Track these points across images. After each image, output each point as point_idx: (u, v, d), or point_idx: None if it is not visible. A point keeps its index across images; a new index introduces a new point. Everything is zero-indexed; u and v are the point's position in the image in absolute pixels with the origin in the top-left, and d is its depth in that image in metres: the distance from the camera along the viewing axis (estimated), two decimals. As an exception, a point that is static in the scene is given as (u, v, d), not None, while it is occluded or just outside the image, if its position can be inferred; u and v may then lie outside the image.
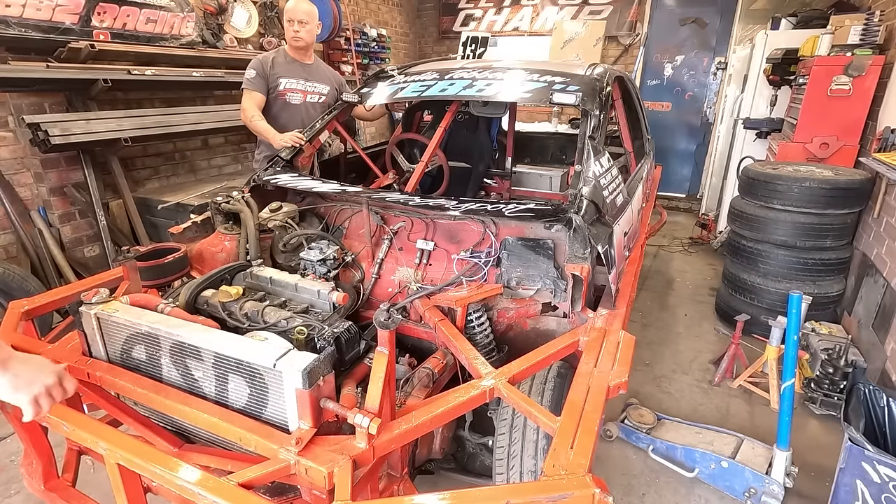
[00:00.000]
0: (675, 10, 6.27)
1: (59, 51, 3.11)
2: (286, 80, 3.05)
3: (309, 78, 3.13)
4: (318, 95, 3.19)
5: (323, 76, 3.21)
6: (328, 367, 1.22)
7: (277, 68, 3.05)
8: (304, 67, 3.13)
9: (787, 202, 3.04)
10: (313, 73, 3.17)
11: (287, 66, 3.09)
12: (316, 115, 3.10)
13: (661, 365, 3.06)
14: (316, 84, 3.17)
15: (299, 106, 3.12)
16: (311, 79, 3.14)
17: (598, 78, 2.42)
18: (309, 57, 3.16)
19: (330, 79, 3.24)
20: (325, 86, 3.21)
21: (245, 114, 2.96)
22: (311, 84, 3.15)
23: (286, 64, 3.09)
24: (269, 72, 3.02)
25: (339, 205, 2.20)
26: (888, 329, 2.63)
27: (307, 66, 3.14)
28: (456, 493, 1.07)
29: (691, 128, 6.57)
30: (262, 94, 3.02)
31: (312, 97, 3.16)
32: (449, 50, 7.71)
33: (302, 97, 3.13)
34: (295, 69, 3.10)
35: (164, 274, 1.82)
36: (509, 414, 1.50)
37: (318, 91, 3.18)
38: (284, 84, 3.05)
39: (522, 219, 1.85)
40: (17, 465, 2.12)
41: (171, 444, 1.62)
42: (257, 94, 3.02)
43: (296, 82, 3.09)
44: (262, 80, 3.02)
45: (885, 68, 3.26)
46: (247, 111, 2.97)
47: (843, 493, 1.81)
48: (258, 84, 3.01)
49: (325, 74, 3.23)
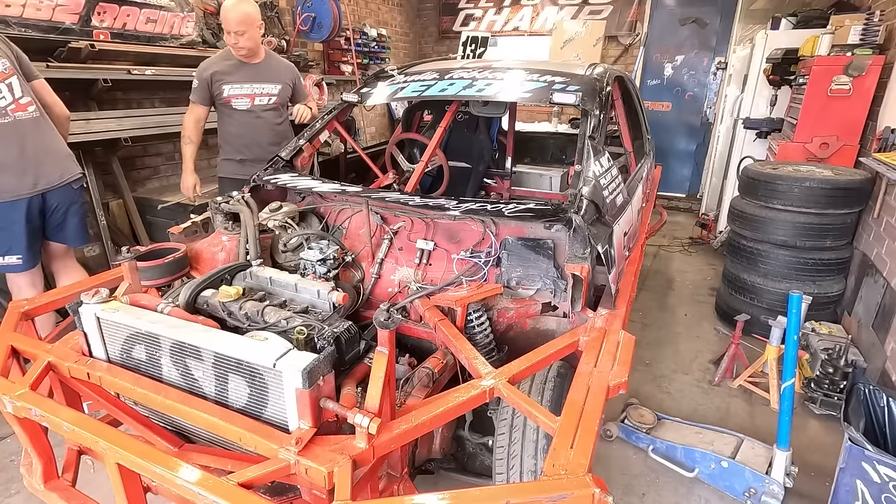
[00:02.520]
0: (675, 10, 6.27)
1: (59, 51, 3.11)
2: (230, 85, 2.85)
3: (256, 79, 2.90)
4: (268, 97, 2.95)
5: (273, 74, 2.96)
6: (328, 367, 1.22)
7: (220, 74, 2.83)
8: (251, 69, 2.89)
9: (787, 202, 3.04)
10: (262, 72, 2.93)
11: (231, 69, 2.85)
12: (267, 120, 2.97)
13: (661, 365, 3.06)
14: (264, 85, 2.93)
15: (247, 113, 2.93)
16: (259, 79, 2.91)
17: (598, 78, 2.42)
18: (257, 56, 2.92)
19: (282, 75, 3.00)
20: (274, 85, 2.95)
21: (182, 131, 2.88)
22: (258, 86, 2.91)
23: (230, 67, 2.85)
24: (211, 79, 2.82)
25: (339, 205, 2.20)
26: (888, 329, 2.63)
27: (255, 66, 2.90)
28: (456, 493, 1.07)
29: (691, 128, 6.57)
30: (203, 107, 2.88)
31: (261, 100, 2.93)
32: (449, 50, 7.71)
33: (249, 102, 2.91)
34: (240, 72, 2.86)
35: (164, 274, 1.82)
36: (509, 414, 1.50)
37: (266, 92, 2.94)
38: (228, 90, 2.85)
39: (522, 219, 1.85)
40: (17, 465, 2.12)
41: (171, 444, 1.62)
42: (198, 107, 2.87)
43: (240, 87, 2.86)
44: (203, 91, 2.84)
45: (885, 68, 3.26)
46: (183, 130, 2.88)
47: (843, 493, 1.81)
48: (200, 95, 2.85)
49: (276, 71, 2.99)
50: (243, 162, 3.00)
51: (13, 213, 2.34)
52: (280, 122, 3.06)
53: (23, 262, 2.41)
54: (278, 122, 3.05)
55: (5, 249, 2.38)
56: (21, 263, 2.41)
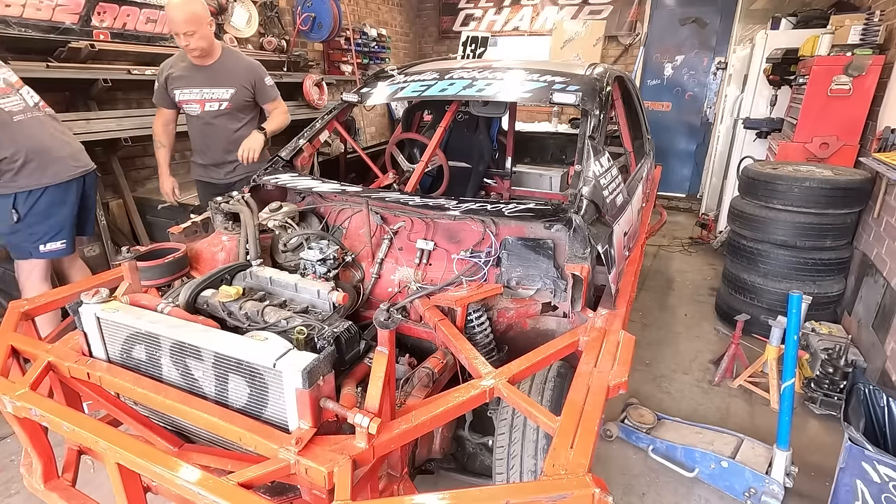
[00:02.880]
0: (675, 10, 6.27)
1: (59, 51, 3.11)
2: (180, 90, 2.71)
3: (207, 83, 2.71)
4: (219, 102, 2.73)
5: (227, 77, 2.73)
6: (328, 367, 1.22)
7: (172, 78, 2.70)
8: (201, 72, 2.69)
9: (787, 202, 3.04)
10: (213, 76, 2.71)
11: (183, 72, 2.69)
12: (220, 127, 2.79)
13: (661, 365, 3.06)
14: (214, 89, 2.71)
15: (197, 118, 2.78)
16: (210, 83, 2.71)
17: (598, 78, 2.42)
18: (211, 56, 2.70)
19: (237, 77, 2.75)
20: (227, 88, 2.72)
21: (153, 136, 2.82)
22: (208, 90, 2.71)
23: (182, 70, 2.70)
24: (166, 83, 2.71)
25: (339, 205, 2.20)
26: (888, 329, 2.63)
27: (207, 69, 2.69)
28: (456, 493, 1.07)
29: (691, 128, 6.57)
30: (168, 109, 2.77)
31: (211, 105, 2.73)
32: (449, 50, 7.71)
33: (199, 108, 2.73)
34: (190, 75, 2.69)
35: (164, 274, 1.82)
36: (509, 414, 1.50)
37: (217, 97, 2.72)
38: (179, 95, 2.71)
39: (522, 219, 1.85)
40: (17, 465, 2.12)
41: (171, 443, 1.62)
42: (163, 110, 2.78)
43: (189, 91, 2.71)
44: (162, 93, 2.73)
45: (885, 68, 3.26)
46: (153, 134, 2.81)
47: (843, 492, 1.81)
48: (160, 98, 2.75)
49: (231, 73, 2.74)
50: (206, 166, 2.96)
51: (68, 195, 2.52)
52: (238, 128, 2.84)
53: (66, 246, 2.56)
54: (234, 129, 2.83)
55: (54, 233, 2.49)
56: (65, 248, 2.55)
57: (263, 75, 2.83)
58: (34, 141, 2.39)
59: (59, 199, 2.48)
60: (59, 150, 2.47)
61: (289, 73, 4.85)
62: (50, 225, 2.47)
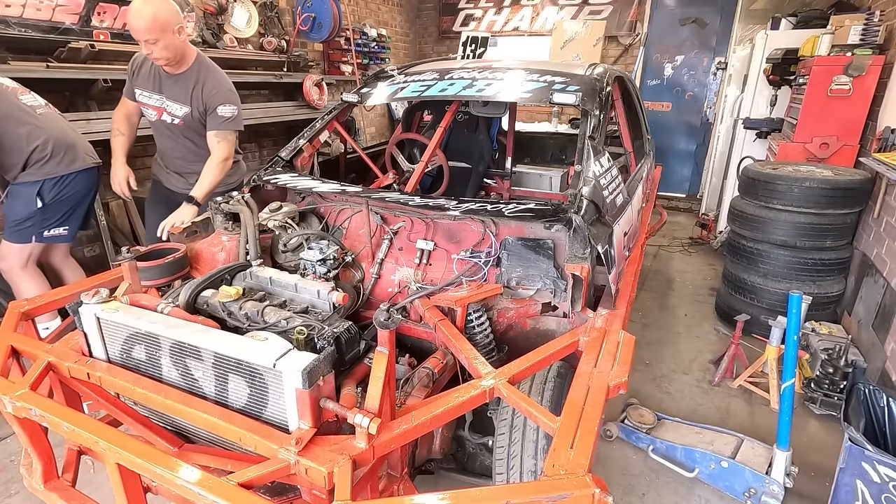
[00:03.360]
0: (675, 10, 6.27)
1: (59, 51, 3.11)
2: (141, 91, 2.54)
3: (167, 93, 2.49)
4: (172, 117, 2.53)
5: (184, 93, 2.47)
6: (328, 367, 1.22)
7: (139, 75, 2.53)
8: (167, 79, 2.48)
9: (787, 202, 3.04)
10: (173, 87, 2.48)
11: (149, 72, 2.51)
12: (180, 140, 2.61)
13: (661, 365, 3.06)
14: (171, 102, 2.50)
15: (156, 125, 2.61)
16: (170, 94, 2.49)
17: (598, 78, 2.42)
18: (181, 65, 2.45)
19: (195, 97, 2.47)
20: (181, 105, 2.49)
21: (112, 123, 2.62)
22: (165, 101, 2.51)
23: (148, 70, 2.51)
24: (133, 75, 2.55)
25: (339, 205, 2.20)
26: (888, 329, 2.63)
27: (173, 78, 2.47)
28: (456, 493, 1.07)
29: (691, 128, 6.57)
30: (132, 102, 2.59)
31: (167, 117, 2.54)
32: (449, 50, 7.71)
33: (156, 115, 2.55)
34: (153, 78, 2.50)
35: (164, 274, 1.82)
36: (509, 414, 1.50)
37: (171, 112, 2.52)
38: (139, 95, 2.55)
39: (522, 219, 1.85)
40: (17, 465, 2.12)
41: (171, 444, 1.62)
42: (127, 101, 2.59)
43: (149, 96, 2.52)
44: (130, 86, 2.57)
45: (885, 68, 3.26)
46: (113, 121, 2.61)
47: (843, 493, 1.81)
48: (128, 89, 2.58)
49: (189, 91, 2.47)
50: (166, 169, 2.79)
51: (92, 182, 2.64)
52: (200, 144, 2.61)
53: (68, 233, 2.62)
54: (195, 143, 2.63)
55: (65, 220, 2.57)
56: (66, 235, 2.62)
57: (219, 103, 2.48)
58: (59, 131, 2.49)
59: (85, 186, 2.59)
60: (79, 140, 2.60)
61: (289, 73, 4.85)
62: (67, 211, 2.54)
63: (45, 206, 2.47)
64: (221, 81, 2.53)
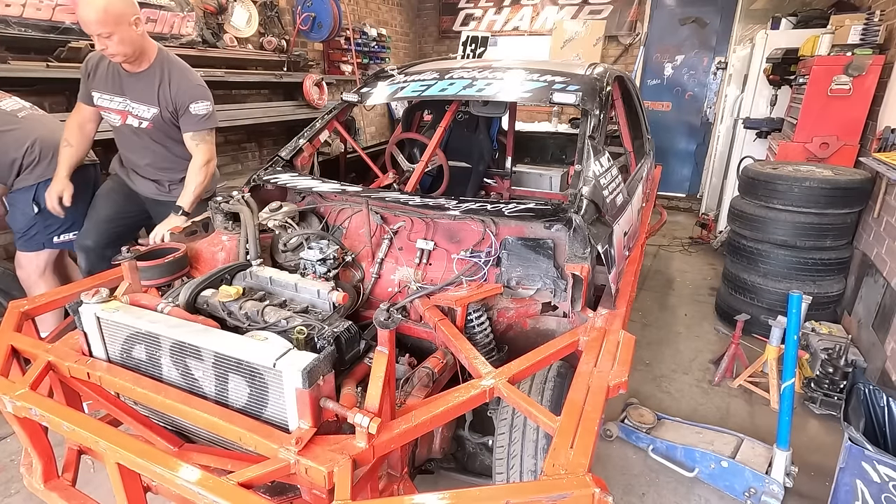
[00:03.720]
0: (675, 10, 6.27)
1: (59, 50, 3.11)
2: (100, 94, 2.31)
3: (130, 94, 2.27)
4: (139, 120, 2.32)
5: (150, 93, 2.27)
6: (328, 367, 1.22)
7: (95, 76, 2.30)
8: (128, 79, 2.26)
9: (787, 202, 3.04)
10: (136, 87, 2.26)
11: (106, 72, 2.28)
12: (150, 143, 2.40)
13: (661, 365, 3.06)
14: (135, 104, 2.28)
15: (120, 130, 2.40)
16: (133, 96, 2.27)
17: (598, 78, 2.42)
18: (141, 62, 2.24)
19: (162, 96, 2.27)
20: (149, 106, 2.28)
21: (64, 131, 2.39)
22: (129, 103, 2.29)
23: (106, 70, 2.28)
24: (88, 77, 2.32)
25: (339, 205, 2.20)
26: (888, 329, 2.63)
27: (134, 77, 2.26)
28: (456, 492, 1.07)
29: (691, 128, 6.57)
30: (89, 107, 2.37)
31: (133, 120, 2.32)
32: (449, 50, 7.71)
33: (120, 119, 2.33)
34: (113, 80, 2.27)
35: (164, 274, 1.82)
36: (509, 414, 1.50)
37: (138, 115, 2.30)
38: (97, 99, 2.32)
39: (522, 218, 1.85)
40: (17, 464, 2.12)
41: (171, 443, 1.62)
42: (83, 106, 2.37)
43: (110, 98, 2.30)
44: (86, 90, 2.35)
45: (885, 68, 3.26)
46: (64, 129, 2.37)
47: (843, 492, 1.81)
48: (83, 93, 2.36)
49: (155, 90, 2.27)
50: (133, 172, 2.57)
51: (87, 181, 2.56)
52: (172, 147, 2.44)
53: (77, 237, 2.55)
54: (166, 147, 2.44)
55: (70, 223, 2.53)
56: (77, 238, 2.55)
57: (191, 100, 2.30)
58: (46, 132, 2.46)
59: (81, 185, 2.49)
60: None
61: (289, 73, 4.85)
62: (67, 214, 2.48)
63: (43, 211, 2.43)
64: (189, 77, 2.35)
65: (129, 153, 2.50)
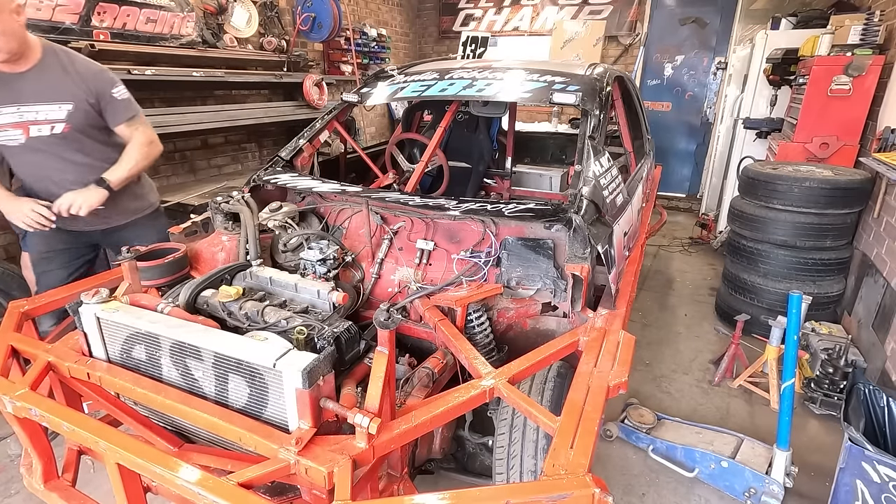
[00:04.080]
0: (675, 10, 6.27)
1: (59, 51, 3.11)
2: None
3: (26, 98, 1.90)
4: (50, 124, 1.93)
5: (58, 87, 1.92)
6: (328, 367, 1.22)
7: None
8: (16, 82, 1.88)
9: (787, 202, 3.04)
10: (32, 88, 1.90)
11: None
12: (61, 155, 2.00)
13: (661, 365, 3.06)
14: (39, 106, 1.90)
15: (23, 149, 1.96)
16: (32, 98, 1.90)
17: (598, 78, 2.42)
18: (27, 60, 1.89)
19: (71, 87, 1.94)
20: (60, 104, 1.92)
21: None
22: (29, 108, 1.90)
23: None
24: None
25: (339, 205, 2.20)
26: (888, 329, 2.63)
27: (22, 77, 1.89)
28: (456, 493, 1.07)
29: (691, 128, 6.57)
30: None
31: (42, 128, 1.93)
32: (449, 50, 7.71)
33: (23, 134, 1.92)
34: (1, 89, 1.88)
35: (164, 274, 1.82)
36: (509, 414, 1.50)
37: (46, 118, 1.92)
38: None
39: (522, 219, 1.85)
40: (17, 465, 2.12)
41: (171, 443, 1.62)
42: None
43: (3, 112, 1.89)
44: None
45: (885, 68, 3.26)
46: None
47: (843, 492, 1.81)
48: None
49: (63, 84, 1.94)
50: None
51: None
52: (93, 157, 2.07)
53: None
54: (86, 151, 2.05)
55: None
56: None
57: (110, 85, 2.02)
58: None
59: None
60: None
61: (289, 73, 4.85)
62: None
63: None
64: (91, 62, 2.05)
65: (45, 178, 2.05)
